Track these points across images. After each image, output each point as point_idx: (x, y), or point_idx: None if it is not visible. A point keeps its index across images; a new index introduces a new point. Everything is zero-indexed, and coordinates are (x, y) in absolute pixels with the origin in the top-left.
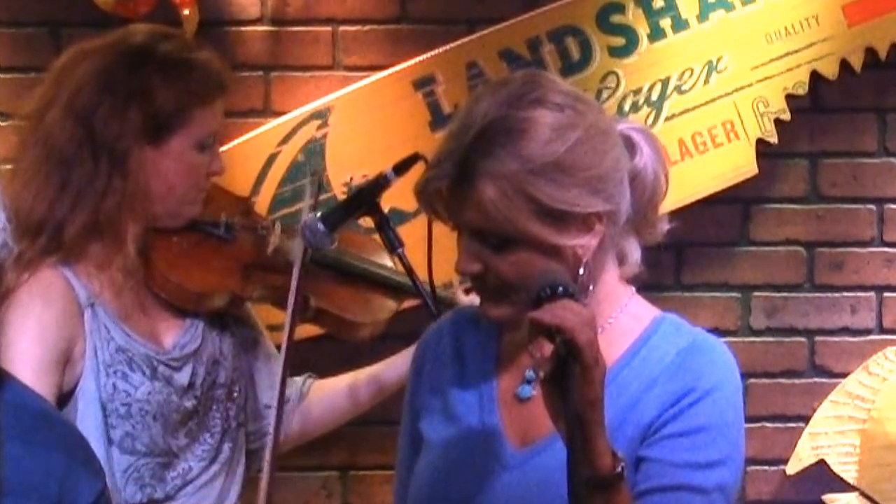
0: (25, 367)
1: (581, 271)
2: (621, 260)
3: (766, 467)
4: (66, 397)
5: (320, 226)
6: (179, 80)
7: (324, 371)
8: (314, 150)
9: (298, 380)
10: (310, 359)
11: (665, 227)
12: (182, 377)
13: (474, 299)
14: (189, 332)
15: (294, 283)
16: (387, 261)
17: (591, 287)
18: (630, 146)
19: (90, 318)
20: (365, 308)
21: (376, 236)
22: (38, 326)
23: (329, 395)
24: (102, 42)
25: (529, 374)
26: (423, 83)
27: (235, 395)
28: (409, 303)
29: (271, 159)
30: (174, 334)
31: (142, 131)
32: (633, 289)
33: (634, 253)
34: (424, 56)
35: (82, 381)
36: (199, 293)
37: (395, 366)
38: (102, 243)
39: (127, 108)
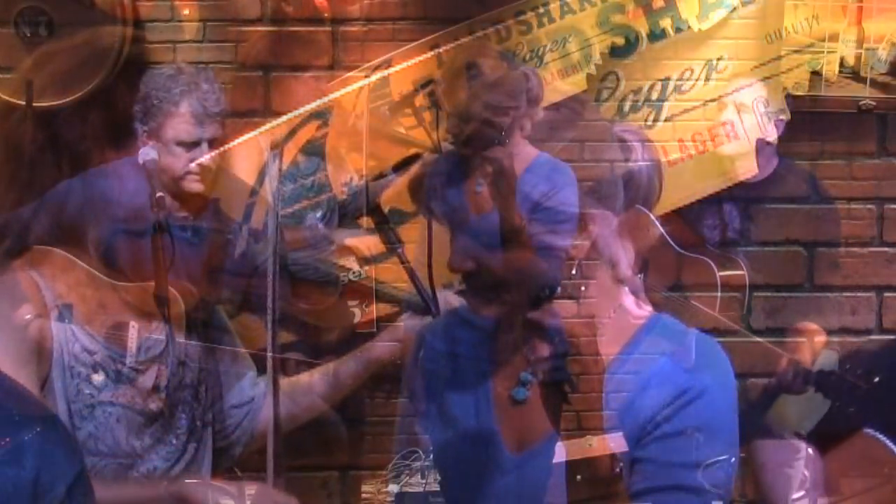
0: (4, 362)
1: (574, 271)
2: (615, 261)
3: None
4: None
5: (321, 226)
6: (144, 85)
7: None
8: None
9: (262, 380)
10: (292, 361)
11: (659, 230)
12: (147, 380)
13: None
14: (154, 335)
15: (270, 285)
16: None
17: (583, 286)
18: (625, 148)
19: (56, 320)
20: (324, 312)
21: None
22: (9, 323)
23: (308, 385)
24: (68, 44)
25: (524, 375)
26: (423, 83)
27: (202, 396)
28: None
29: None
30: (139, 337)
31: (104, 136)
32: (627, 289)
33: (628, 254)
34: (424, 56)
35: (49, 381)
36: (164, 297)
37: (378, 345)
38: (66, 247)
39: (89, 112)
